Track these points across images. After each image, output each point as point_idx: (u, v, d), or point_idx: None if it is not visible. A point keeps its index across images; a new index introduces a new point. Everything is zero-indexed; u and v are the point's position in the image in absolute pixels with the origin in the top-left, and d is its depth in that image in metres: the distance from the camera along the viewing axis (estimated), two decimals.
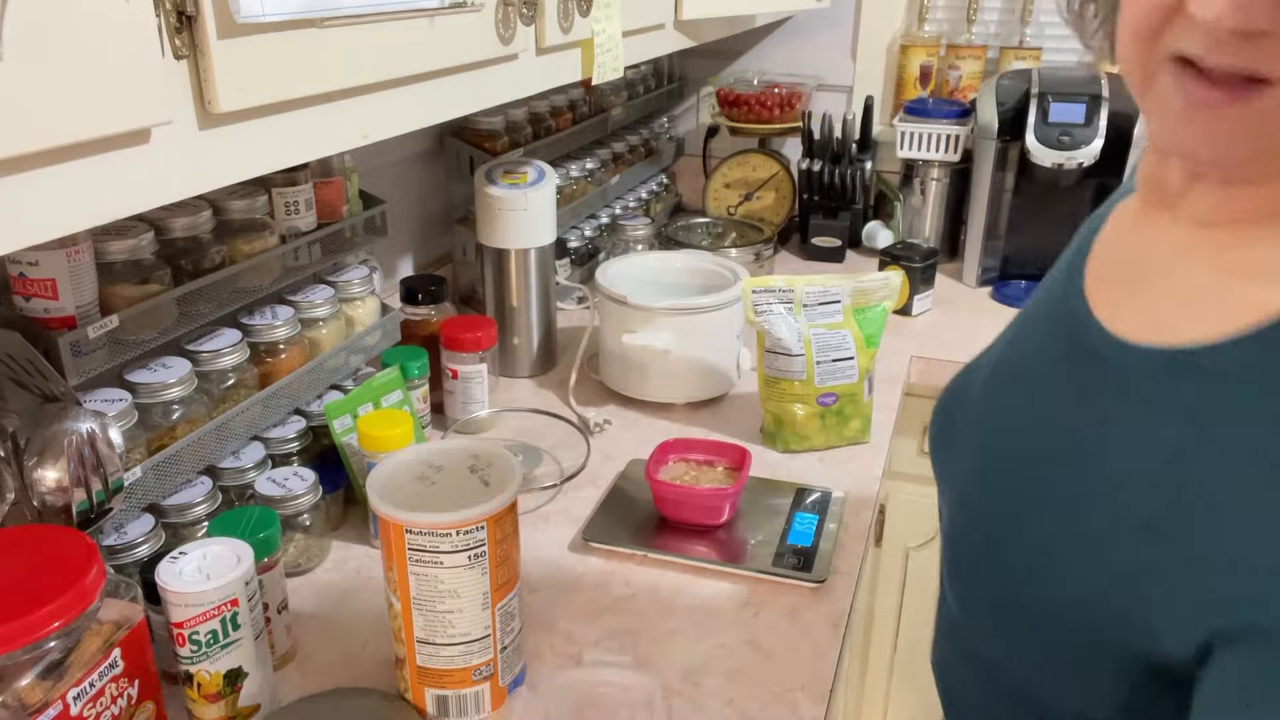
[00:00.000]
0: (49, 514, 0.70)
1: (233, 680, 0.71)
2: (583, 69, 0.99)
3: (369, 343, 1.08)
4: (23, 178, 0.44)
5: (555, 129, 1.59)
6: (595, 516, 1.02)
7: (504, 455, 0.76)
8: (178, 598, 0.67)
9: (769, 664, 0.82)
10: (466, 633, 0.72)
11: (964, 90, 1.87)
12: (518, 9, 0.82)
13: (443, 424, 1.21)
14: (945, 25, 1.91)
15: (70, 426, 0.69)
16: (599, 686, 0.80)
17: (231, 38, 0.53)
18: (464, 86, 0.79)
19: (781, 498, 1.05)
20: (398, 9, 0.66)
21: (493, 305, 1.34)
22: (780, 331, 1.13)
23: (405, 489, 0.72)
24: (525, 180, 1.27)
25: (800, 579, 0.91)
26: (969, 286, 1.75)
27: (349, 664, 0.82)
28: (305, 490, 0.91)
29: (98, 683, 0.60)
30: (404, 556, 0.69)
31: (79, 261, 0.74)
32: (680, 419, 1.25)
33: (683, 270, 1.36)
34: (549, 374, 1.37)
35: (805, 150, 1.86)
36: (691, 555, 0.95)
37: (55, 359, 0.73)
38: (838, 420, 1.16)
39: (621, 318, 1.23)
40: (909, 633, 1.61)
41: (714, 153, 2.03)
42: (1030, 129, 1.58)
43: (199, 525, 0.85)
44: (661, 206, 1.96)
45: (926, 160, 1.78)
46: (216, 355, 0.88)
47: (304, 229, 1.00)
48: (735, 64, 2.07)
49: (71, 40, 0.44)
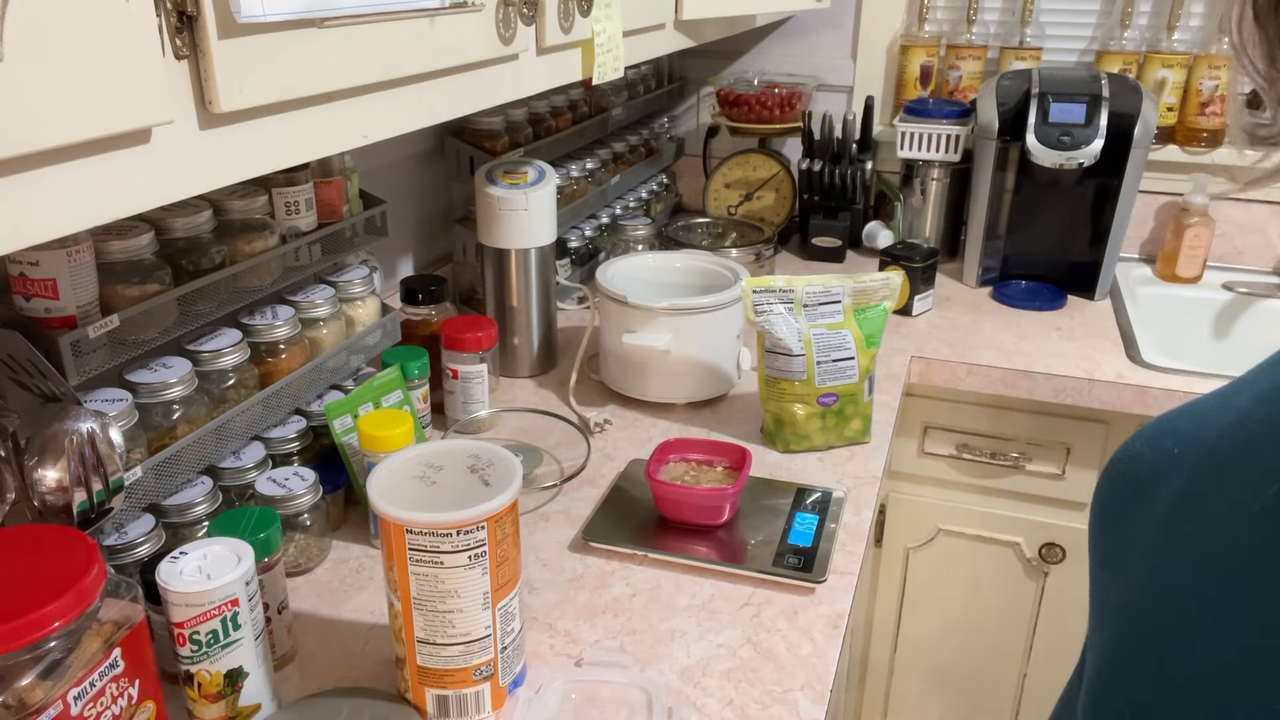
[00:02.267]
0: (49, 514, 0.70)
1: (233, 680, 0.71)
2: (583, 69, 0.99)
3: (369, 343, 1.09)
4: (23, 178, 0.44)
5: (555, 129, 1.59)
6: (595, 516, 1.02)
7: (504, 455, 0.76)
8: (178, 597, 0.67)
9: (769, 664, 0.82)
10: (467, 633, 0.72)
11: (964, 90, 1.87)
12: (518, 9, 0.82)
13: (443, 424, 1.21)
14: (945, 25, 1.90)
15: (71, 426, 0.69)
16: (599, 686, 0.80)
17: (232, 38, 0.53)
18: (464, 86, 0.79)
19: (781, 498, 1.05)
20: (398, 9, 0.66)
21: (493, 305, 1.34)
22: (780, 331, 1.13)
23: (405, 489, 0.72)
24: (525, 180, 1.28)
25: (800, 579, 0.91)
26: (969, 286, 1.75)
27: (349, 664, 0.82)
28: (305, 490, 0.91)
29: (98, 683, 0.60)
30: (404, 556, 0.70)
31: (79, 261, 0.74)
32: (680, 419, 1.25)
33: (683, 270, 1.37)
34: (549, 374, 1.37)
35: (805, 150, 1.86)
36: (691, 555, 0.95)
37: (56, 359, 0.73)
38: (838, 420, 1.16)
39: (621, 318, 1.23)
40: (909, 633, 1.62)
41: (714, 153, 2.03)
42: (1030, 129, 1.58)
43: (199, 525, 0.85)
44: (661, 206, 1.96)
45: (927, 160, 1.78)
46: (217, 355, 0.88)
47: (304, 229, 1.00)
48: (735, 64, 2.07)
49: (72, 40, 0.44)
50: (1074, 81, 1.60)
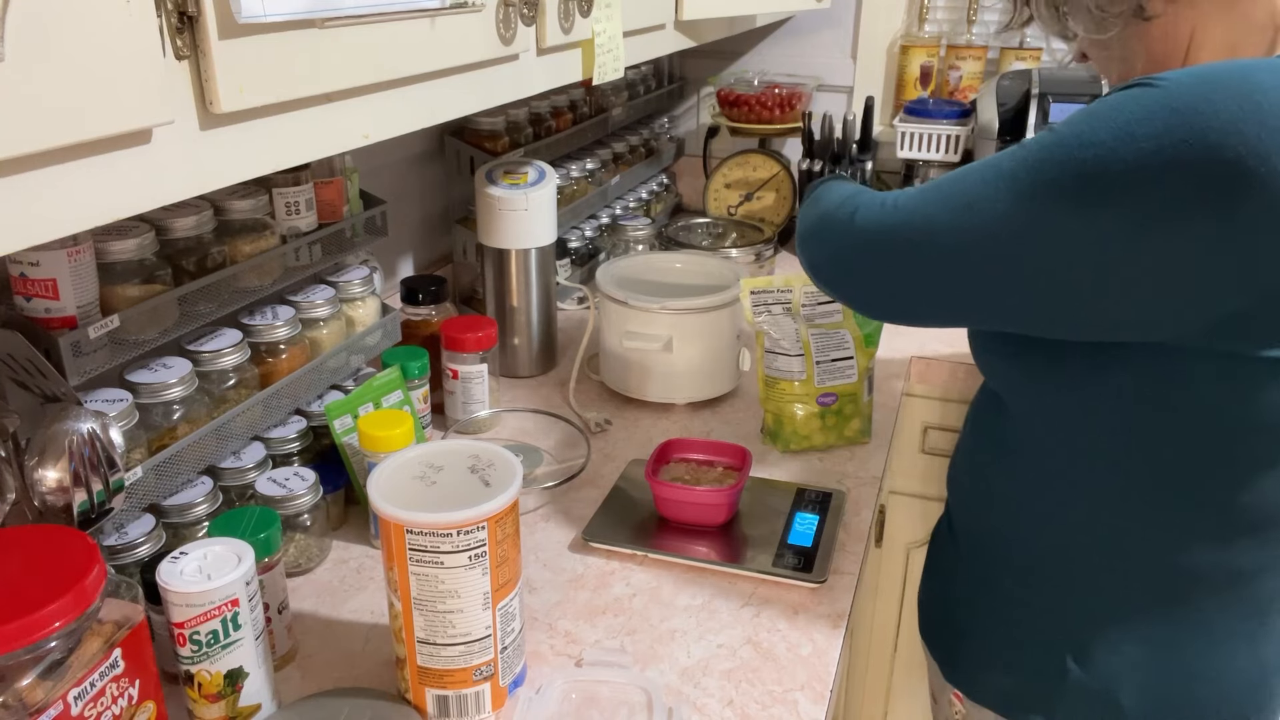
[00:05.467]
0: (50, 514, 0.70)
1: (233, 680, 0.71)
2: (583, 69, 0.99)
3: (369, 343, 1.09)
4: (24, 178, 0.45)
5: (556, 129, 1.59)
6: (595, 516, 1.02)
7: (504, 455, 0.76)
8: (178, 598, 0.67)
9: (769, 664, 0.82)
10: (467, 633, 0.72)
11: (964, 90, 1.87)
12: (518, 9, 0.82)
13: (443, 424, 1.21)
14: (945, 25, 1.91)
15: (71, 426, 0.69)
16: (599, 686, 0.80)
17: (233, 38, 0.53)
18: (465, 87, 0.79)
19: (781, 498, 1.05)
20: (398, 9, 0.66)
21: (493, 305, 1.34)
22: (779, 332, 1.13)
23: (406, 489, 0.72)
24: (525, 180, 1.28)
25: (800, 579, 0.92)
26: None
27: (349, 664, 0.82)
28: (306, 490, 0.91)
29: (98, 683, 0.60)
30: (404, 556, 0.70)
31: (80, 261, 0.74)
32: (680, 419, 1.25)
33: (683, 270, 1.37)
34: (549, 374, 1.37)
35: (805, 150, 1.86)
36: (691, 555, 0.95)
37: (56, 359, 0.73)
38: (838, 420, 1.16)
39: (621, 318, 1.24)
40: (909, 633, 1.62)
41: (714, 153, 2.03)
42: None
43: (200, 525, 0.85)
44: (661, 207, 1.96)
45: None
46: (217, 355, 0.88)
47: (304, 229, 1.00)
48: (735, 64, 2.07)
49: (72, 41, 0.44)
50: (1074, 81, 1.60)
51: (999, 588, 0.85)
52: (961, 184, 0.70)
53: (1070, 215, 0.62)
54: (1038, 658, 0.81)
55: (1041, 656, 0.81)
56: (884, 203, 0.77)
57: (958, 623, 0.90)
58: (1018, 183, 0.65)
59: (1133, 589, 0.76)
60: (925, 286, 0.73)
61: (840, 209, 0.81)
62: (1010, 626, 0.84)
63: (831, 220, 0.82)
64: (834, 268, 0.82)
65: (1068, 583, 0.79)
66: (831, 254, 0.82)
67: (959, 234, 0.69)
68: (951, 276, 0.71)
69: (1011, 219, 0.65)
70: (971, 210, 0.68)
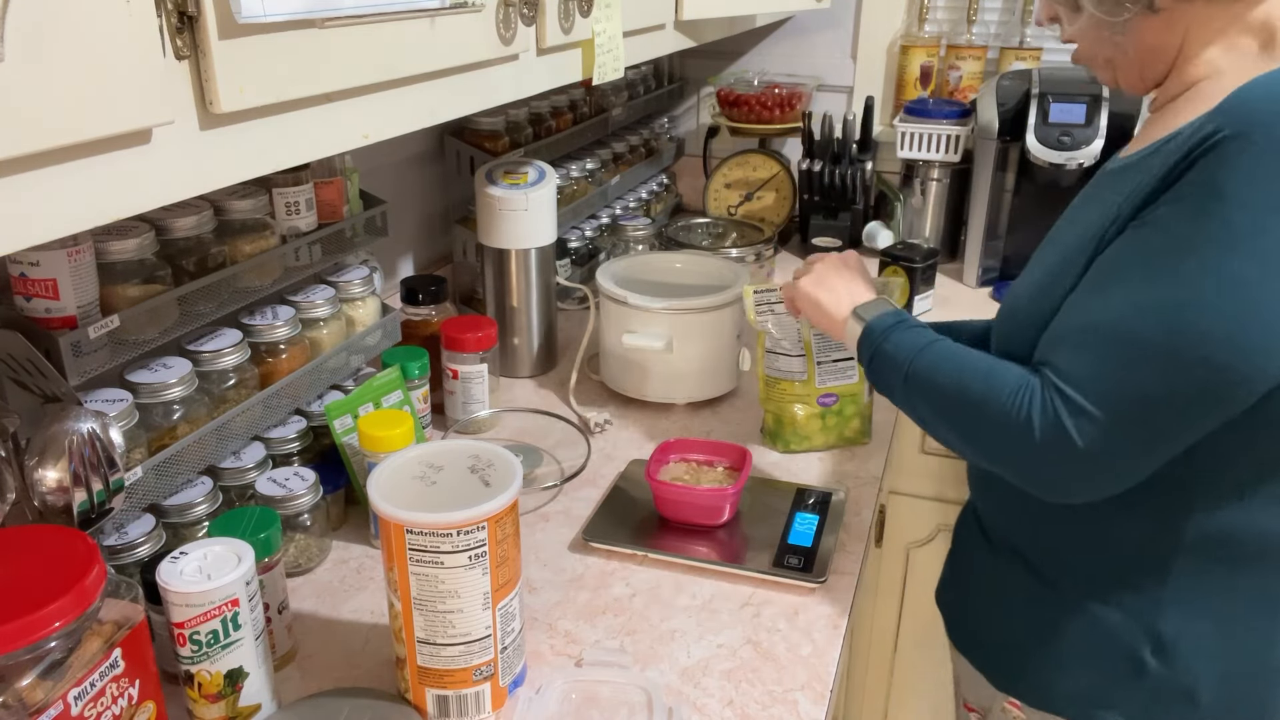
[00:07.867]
0: (50, 514, 0.70)
1: (233, 680, 0.71)
2: (583, 69, 0.99)
3: (369, 343, 1.09)
4: (25, 178, 0.45)
5: (555, 129, 1.59)
6: (595, 516, 1.02)
7: (504, 455, 0.76)
8: (178, 598, 0.67)
9: (769, 664, 0.82)
10: (467, 633, 0.72)
11: (964, 90, 1.87)
12: (518, 9, 0.82)
13: (443, 424, 1.21)
14: (945, 25, 1.91)
15: (71, 426, 0.69)
16: (599, 686, 0.80)
17: (233, 38, 0.53)
18: (465, 87, 0.79)
19: (781, 498, 1.05)
20: (398, 9, 0.66)
21: (493, 305, 1.34)
22: (781, 332, 1.13)
23: (406, 489, 0.72)
24: (525, 180, 1.28)
25: (800, 579, 0.92)
26: (969, 287, 1.75)
27: (349, 664, 0.82)
28: (306, 490, 0.91)
29: (98, 683, 0.60)
30: (404, 556, 0.70)
31: (80, 261, 0.74)
32: (680, 419, 1.25)
33: (683, 270, 1.37)
34: (549, 374, 1.37)
35: (805, 150, 1.86)
36: (691, 555, 0.95)
37: (56, 359, 0.73)
38: (838, 420, 1.16)
39: (621, 318, 1.24)
40: (909, 633, 1.62)
41: (714, 153, 2.03)
42: (1030, 129, 1.58)
43: (200, 525, 0.85)
44: (661, 207, 1.96)
45: (927, 160, 1.78)
46: (217, 355, 0.88)
47: (304, 229, 1.00)
48: (735, 64, 2.07)
49: (73, 41, 0.44)
50: (1074, 82, 1.60)
51: (1065, 597, 0.82)
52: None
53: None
54: (1113, 658, 0.79)
55: (1116, 656, 0.79)
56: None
57: (1016, 635, 0.86)
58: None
59: (1203, 575, 0.76)
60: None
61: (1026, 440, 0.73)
62: (1082, 632, 0.81)
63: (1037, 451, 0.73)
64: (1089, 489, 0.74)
65: (1138, 580, 0.78)
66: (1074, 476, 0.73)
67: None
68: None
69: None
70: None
